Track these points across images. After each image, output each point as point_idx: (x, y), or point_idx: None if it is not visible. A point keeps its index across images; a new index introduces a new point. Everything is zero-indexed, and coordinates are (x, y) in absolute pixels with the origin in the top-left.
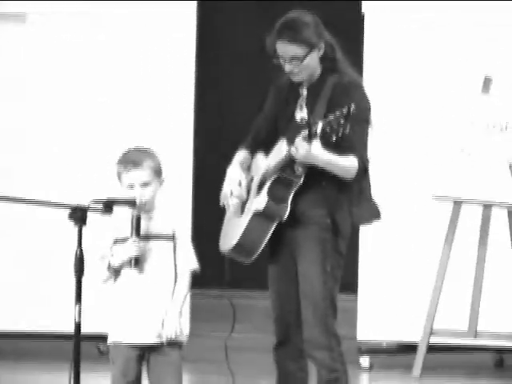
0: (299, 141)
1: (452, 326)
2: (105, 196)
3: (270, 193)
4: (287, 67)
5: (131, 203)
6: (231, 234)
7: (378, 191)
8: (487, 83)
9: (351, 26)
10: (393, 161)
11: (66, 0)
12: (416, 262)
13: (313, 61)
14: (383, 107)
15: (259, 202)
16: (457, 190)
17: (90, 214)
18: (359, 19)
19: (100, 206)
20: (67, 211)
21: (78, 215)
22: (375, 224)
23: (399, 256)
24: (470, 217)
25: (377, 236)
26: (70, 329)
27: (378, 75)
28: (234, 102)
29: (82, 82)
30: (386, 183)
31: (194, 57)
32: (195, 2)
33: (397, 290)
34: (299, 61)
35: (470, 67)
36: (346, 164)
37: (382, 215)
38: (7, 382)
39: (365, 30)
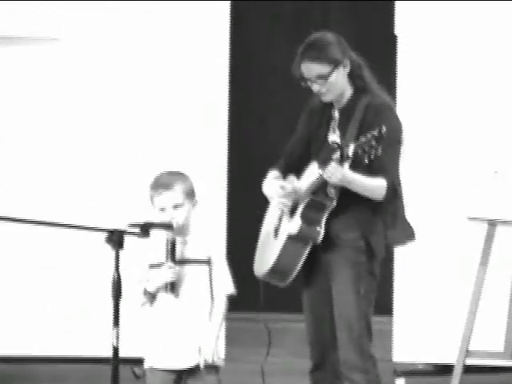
0: (334, 164)
1: (488, 346)
2: (141, 219)
3: (303, 216)
4: (314, 87)
5: (168, 226)
6: (266, 258)
7: (413, 212)
8: None
9: (384, 48)
10: (428, 182)
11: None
12: (451, 283)
13: (339, 78)
14: (417, 128)
15: (293, 225)
16: (491, 211)
17: (126, 238)
18: (392, 41)
19: (137, 230)
20: (104, 235)
21: (115, 239)
22: (410, 245)
23: (434, 277)
24: (506, 237)
25: (412, 257)
26: (106, 353)
27: (412, 95)
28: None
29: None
30: (421, 204)
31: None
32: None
33: (432, 311)
34: (325, 79)
35: (507, 88)
36: (376, 185)
37: (416, 236)
38: None
39: (398, 51)
